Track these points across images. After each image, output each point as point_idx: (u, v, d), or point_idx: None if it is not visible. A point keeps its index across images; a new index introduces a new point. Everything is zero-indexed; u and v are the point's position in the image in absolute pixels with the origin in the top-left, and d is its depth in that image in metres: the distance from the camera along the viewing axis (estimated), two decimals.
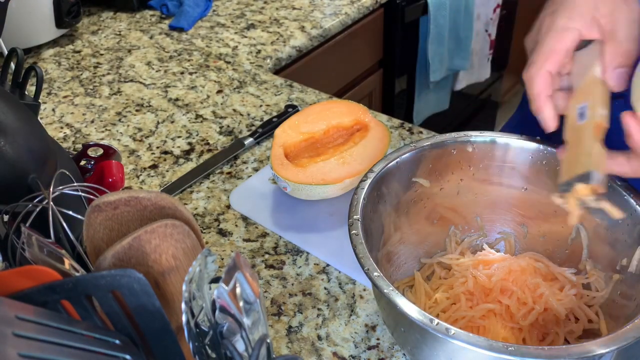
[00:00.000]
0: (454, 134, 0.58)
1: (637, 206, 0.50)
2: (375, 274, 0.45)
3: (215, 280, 0.34)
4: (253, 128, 0.88)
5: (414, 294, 0.58)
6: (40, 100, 0.62)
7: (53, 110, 0.95)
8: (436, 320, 0.41)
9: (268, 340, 0.32)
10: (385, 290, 0.44)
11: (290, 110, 0.89)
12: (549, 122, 0.51)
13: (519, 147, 0.57)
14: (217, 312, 0.32)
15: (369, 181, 0.53)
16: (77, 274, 0.37)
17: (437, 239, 0.62)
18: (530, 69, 0.51)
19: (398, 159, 0.56)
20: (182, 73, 1.03)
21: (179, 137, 0.87)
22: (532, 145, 0.56)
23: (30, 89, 0.63)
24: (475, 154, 0.58)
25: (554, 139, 0.55)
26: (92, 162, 0.61)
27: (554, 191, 0.57)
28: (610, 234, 0.53)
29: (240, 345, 0.32)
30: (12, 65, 0.62)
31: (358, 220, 0.50)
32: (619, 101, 0.62)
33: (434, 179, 0.59)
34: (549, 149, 0.56)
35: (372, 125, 0.73)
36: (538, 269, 0.57)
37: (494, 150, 0.58)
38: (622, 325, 0.42)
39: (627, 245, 0.51)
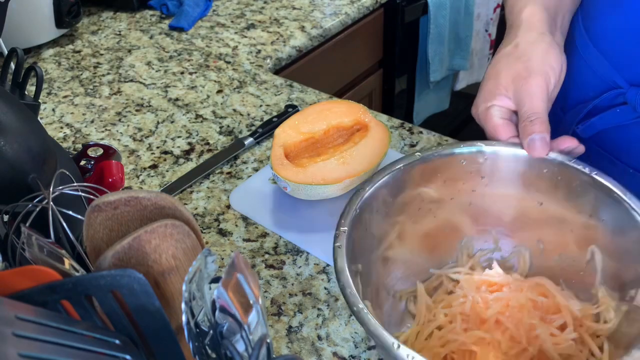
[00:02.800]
0: (463, 146, 0.55)
1: None
2: (349, 290, 0.44)
3: (215, 280, 0.34)
4: (253, 128, 0.88)
5: (415, 306, 0.57)
6: (40, 100, 0.62)
7: (53, 110, 0.95)
8: (402, 347, 0.40)
9: (268, 340, 0.32)
10: (355, 308, 0.43)
11: (290, 110, 0.89)
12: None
13: (534, 160, 0.54)
14: (217, 312, 0.32)
15: (366, 191, 0.52)
16: (77, 274, 0.37)
17: (449, 249, 0.60)
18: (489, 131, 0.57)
19: (402, 167, 0.54)
20: (182, 73, 1.03)
21: (179, 137, 0.87)
22: (547, 159, 0.54)
23: (30, 89, 0.63)
24: (488, 166, 0.56)
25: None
26: (92, 162, 0.61)
27: (569, 208, 0.54)
28: (625, 262, 0.50)
29: (240, 345, 0.32)
30: (12, 65, 0.62)
31: (341, 247, 0.48)
32: (622, 107, 0.62)
33: (445, 189, 0.57)
34: (566, 162, 0.53)
35: (372, 125, 0.73)
36: (540, 304, 0.54)
37: (508, 162, 0.55)
38: (623, 353, 0.41)
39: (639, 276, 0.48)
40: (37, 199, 0.47)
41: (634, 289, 0.49)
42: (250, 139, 0.83)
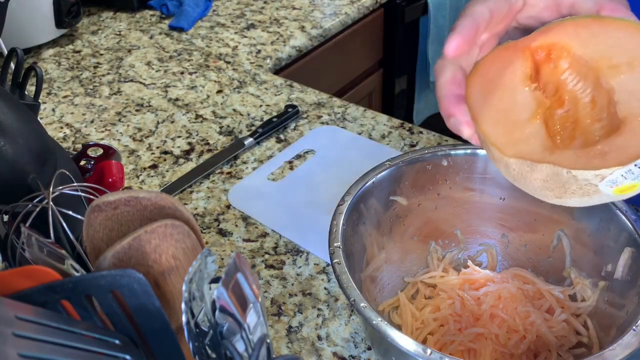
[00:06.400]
0: (426, 149, 0.58)
1: (619, 212, 0.50)
2: (362, 304, 0.44)
3: (215, 280, 0.34)
4: (253, 128, 0.88)
5: (399, 316, 0.57)
6: (40, 100, 0.62)
7: (53, 110, 0.95)
8: (429, 350, 0.41)
9: (268, 341, 0.32)
10: (374, 322, 0.43)
11: (290, 110, 0.89)
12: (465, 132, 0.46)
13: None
14: (217, 312, 0.32)
15: (346, 205, 0.53)
16: (77, 274, 0.37)
17: (419, 256, 0.61)
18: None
19: (374, 179, 0.55)
20: (182, 73, 1.03)
21: (179, 137, 0.87)
22: None
23: (30, 89, 0.63)
24: (450, 168, 0.58)
25: None
26: (92, 162, 0.61)
27: (532, 199, 0.55)
28: (594, 240, 0.53)
29: (240, 345, 0.32)
30: (12, 65, 0.62)
31: (339, 247, 0.49)
32: None
33: (412, 195, 0.58)
34: None
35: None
36: (526, 292, 0.56)
37: (468, 163, 0.58)
38: (614, 336, 0.41)
39: (613, 251, 0.50)
40: (37, 199, 0.47)
41: (608, 264, 0.51)
42: (250, 139, 0.83)
